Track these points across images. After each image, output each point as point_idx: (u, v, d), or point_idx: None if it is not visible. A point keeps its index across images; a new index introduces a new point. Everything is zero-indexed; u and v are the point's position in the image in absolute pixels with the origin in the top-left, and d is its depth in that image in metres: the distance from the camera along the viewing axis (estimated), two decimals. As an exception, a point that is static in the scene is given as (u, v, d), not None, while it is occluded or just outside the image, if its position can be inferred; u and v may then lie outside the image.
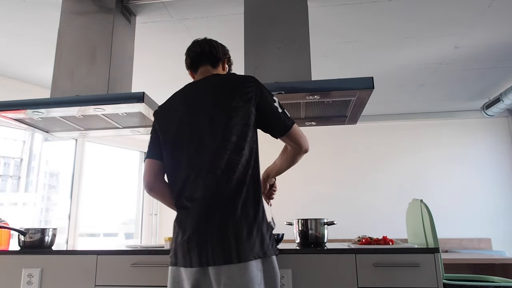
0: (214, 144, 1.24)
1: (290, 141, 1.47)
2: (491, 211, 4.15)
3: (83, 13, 2.17)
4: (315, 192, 4.40)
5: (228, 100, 1.29)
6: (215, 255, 1.14)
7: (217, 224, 1.17)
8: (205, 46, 1.52)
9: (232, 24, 2.54)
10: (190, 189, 1.24)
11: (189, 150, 1.27)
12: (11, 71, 3.24)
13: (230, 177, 1.21)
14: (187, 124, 1.31)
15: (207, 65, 1.50)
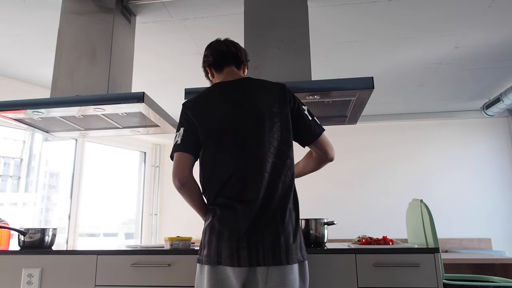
0: (259, 148, 1.27)
1: (318, 148, 1.49)
2: (491, 211, 4.15)
3: (83, 13, 2.17)
4: (315, 192, 4.40)
5: (270, 105, 1.32)
6: (266, 256, 1.19)
7: (269, 226, 1.22)
8: (231, 47, 1.51)
9: (232, 24, 2.54)
10: (233, 190, 1.26)
11: (233, 150, 1.28)
12: (11, 71, 3.24)
13: (277, 182, 1.26)
14: (231, 125, 1.31)
15: (233, 66, 1.49)
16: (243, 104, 1.33)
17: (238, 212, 1.23)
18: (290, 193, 1.28)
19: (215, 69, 1.50)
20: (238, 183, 1.25)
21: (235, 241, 1.20)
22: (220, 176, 1.28)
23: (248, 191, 1.24)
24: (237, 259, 1.19)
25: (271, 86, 1.38)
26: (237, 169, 1.26)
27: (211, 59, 1.49)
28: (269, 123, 1.30)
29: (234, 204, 1.24)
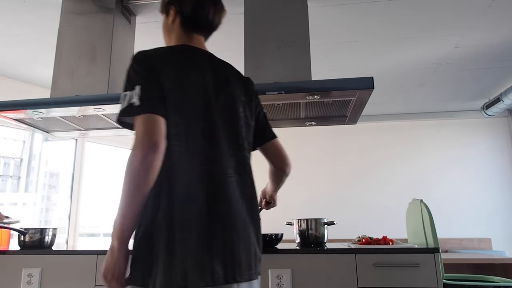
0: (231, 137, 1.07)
1: (273, 153, 1.29)
2: (491, 211, 4.15)
3: (83, 13, 2.17)
4: (315, 192, 4.40)
5: (243, 93, 1.16)
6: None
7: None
8: (218, 23, 1.22)
9: (232, 24, 2.54)
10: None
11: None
12: (11, 71, 3.24)
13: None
14: (216, 99, 1.05)
15: (203, 36, 1.20)
16: (224, 81, 1.11)
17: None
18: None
19: (184, 26, 1.16)
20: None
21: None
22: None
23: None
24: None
25: (239, 73, 1.22)
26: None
27: (188, 11, 1.14)
28: (237, 110, 1.10)
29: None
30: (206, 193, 0.96)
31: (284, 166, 1.30)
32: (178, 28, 1.16)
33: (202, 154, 0.98)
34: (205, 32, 1.19)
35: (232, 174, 1.03)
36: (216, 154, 1.00)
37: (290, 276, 1.61)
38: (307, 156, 4.50)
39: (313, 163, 4.49)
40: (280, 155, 1.30)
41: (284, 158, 1.30)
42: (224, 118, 1.05)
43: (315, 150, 4.53)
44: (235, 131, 1.07)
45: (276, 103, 1.90)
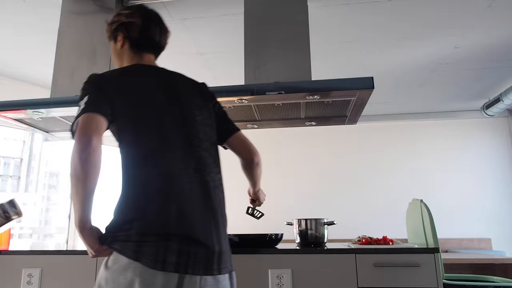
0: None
1: (238, 146, 1.33)
2: (491, 211, 4.15)
3: (83, 13, 2.17)
4: (315, 192, 4.40)
5: (197, 97, 1.24)
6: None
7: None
8: (164, 39, 1.33)
9: (232, 24, 2.54)
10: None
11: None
12: (11, 71, 3.24)
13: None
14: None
15: (153, 55, 1.33)
16: (177, 94, 1.18)
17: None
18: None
19: (134, 48, 1.26)
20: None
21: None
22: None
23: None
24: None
25: (191, 79, 1.30)
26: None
27: (135, 35, 1.25)
28: (192, 116, 1.18)
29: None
30: (160, 193, 1.02)
31: (250, 155, 1.33)
32: (128, 51, 1.27)
33: (157, 158, 1.06)
34: (154, 51, 1.31)
35: (189, 174, 1.08)
36: (170, 157, 1.07)
37: (290, 276, 1.61)
38: (307, 156, 4.50)
39: (313, 163, 4.49)
40: (245, 145, 1.33)
41: (249, 147, 1.34)
42: (178, 123, 1.13)
43: (315, 150, 4.53)
44: (191, 134, 1.14)
45: (276, 103, 1.90)
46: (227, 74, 3.30)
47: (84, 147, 0.98)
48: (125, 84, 1.14)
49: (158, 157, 1.06)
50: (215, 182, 1.14)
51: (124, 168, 1.07)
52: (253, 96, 1.80)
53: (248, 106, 1.94)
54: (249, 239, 1.75)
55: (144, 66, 1.24)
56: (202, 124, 1.18)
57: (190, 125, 1.15)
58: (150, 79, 1.18)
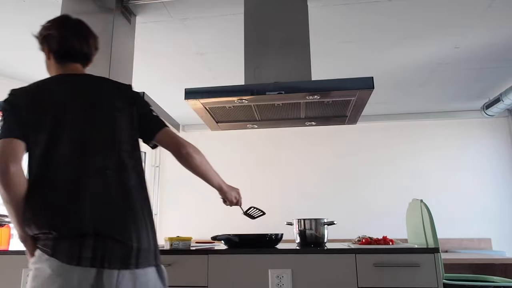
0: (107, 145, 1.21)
1: (166, 143, 1.31)
2: (491, 211, 4.15)
3: (83, 13, 2.17)
4: (315, 192, 4.40)
5: (120, 100, 1.26)
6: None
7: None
8: (84, 46, 1.32)
9: (232, 24, 2.54)
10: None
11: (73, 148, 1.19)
12: (11, 71, 3.24)
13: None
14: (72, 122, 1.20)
15: (78, 64, 1.33)
16: (91, 99, 1.23)
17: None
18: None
19: (58, 59, 1.30)
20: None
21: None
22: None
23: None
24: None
25: (115, 83, 1.32)
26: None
27: (55, 47, 1.29)
28: (112, 119, 1.21)
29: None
30: (73, 196, 1.10)
31: (177, 146, 1.30)
32: (53, 62, 1.31)
33: (70, 163, 1.13)
34: (78, 60, 1.32)
35: (108, 175, 1.14)
36: (87, 161, 1.14)
37: (290, 276, 1.61)
38: (307, 156, 4.50)
39: (313, 163, 4.49)
40: (173, 140, 1.31)
41: (176, 140, 1.31)
42: (94, 127, 1.18)
43: (315, 150, 4.53)
44: (110, 136, 1.19)
45: (276, 103, 1.90)
46: (227, 74, 3.30)
47: (3, 174, 1.07)
48: (41, 96, 1.20)
49: (71, 162, 1.13)
50: (135, 182, 1.18)
51: (35, 176, 1.13)
52: (253, 96, 1.80)
53: (248, 106, 1.94)
54: (249, 239, 1.75)
55: (66, 76, 1.28)
56: (123, 127, 1.22)
57: (108, 128, 1.19)
58: (68, 88, 1.23)
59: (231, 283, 1.64)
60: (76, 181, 1.11)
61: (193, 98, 1.85)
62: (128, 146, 1.22)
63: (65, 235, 1.06)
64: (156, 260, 1.17)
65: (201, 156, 1.35)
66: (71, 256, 1.04)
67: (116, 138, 1.19)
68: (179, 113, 4.29)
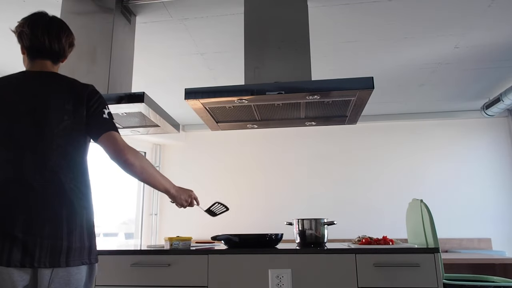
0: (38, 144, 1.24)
1: (105, 146, 1.29)
2: (491, 211, 4.15)
3: (83, 13, 2.17)
4: (315, 192, 4.40)
5: (71, 101, 1.28)
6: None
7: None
8: (54, 43, 1.34)
9: (232, 24, 2.54)
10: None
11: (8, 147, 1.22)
12: (11, 71, 3.24)
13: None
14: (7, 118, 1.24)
15: (48, 60, 1.35)
16: (31, 98, 1.24)
17: None
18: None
19: (29, 55, 1.35)
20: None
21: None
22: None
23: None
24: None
25: (71, 84, 1.31)
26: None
27: (27, 44, 1.33)
28: (56, 120, 1.23)
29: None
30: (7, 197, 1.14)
31: (116, 153, 1.27)
32: (26, 58, 1.36)
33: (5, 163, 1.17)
34: (48, 56, 1.35)
35: (37, 176, 1.17)
36: (17, 162, 1.17)
37: (290, 276, 1.61)
38: (307, 156, 4.50)
39: (313, 163, 4.49)
40: (112, 145, 1.28)
41: (116, 146, 1.28)
42: (29, 126, 1.21)
43: (315, 150, 4.53)
44: (49, 137, 1.21)
45: (276, 103, 1.90)
46: (227, 74, 3.30)
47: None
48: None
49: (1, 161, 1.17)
50: (66, 183, 1.20)
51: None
52: (253, 96, 1.80)
53: (248, 106, 1.94)
54: (249, 239, 1.75)
55: (26, 73, 1.31)
56: (64, 128, 1.23)
57: (41, 129, 1.21)
58: (20, 86, 1.26)
59: (231, 283, 1.64)
60: (5, 181, 1.15)
61: (193, 98, 1.85)
62: (66, 147, 1.23)
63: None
64: (89, 259, 1.22)
65: (142, 162, 1.31)
66: (1, 258, 1.09)
67: (49, 139, 1.21)
68: (179, 113, 4.29)
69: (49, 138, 1.21)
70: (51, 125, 1.22)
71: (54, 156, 1.20)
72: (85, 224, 1.22)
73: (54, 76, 1.32)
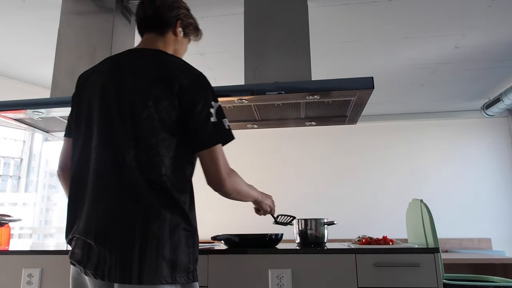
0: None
1: (202, 163, 1.10)
2: (491, 211, 4.15)
3: (83, 13, 2.17)
4: (315, 192, 4.39)
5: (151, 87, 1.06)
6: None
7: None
8: (148, 9, 1.22)
9: (232, 24, 2.54)
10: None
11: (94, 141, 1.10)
12: (11, 71, 3.24)
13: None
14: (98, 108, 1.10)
15: (152, 32, 1.22)
16: (118, 79, 1.09)
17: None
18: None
19: (140, 35, 1.27)
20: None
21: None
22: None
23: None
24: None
25: (170, 66, 1.09)
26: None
27: (137, 25, 1.27)
28: (141, 109, 1.03)
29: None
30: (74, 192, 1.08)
31: (216, 184, 1.12)
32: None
33: (81, 157, 1.09)
34: (147, 25, 1.23)
35: (108, 171, 1.02)
36: (89, 156, 1.06)
37: (290, 276, 1.61)
38: (307, 156, 4.50)
39: (313, 163, 4.49)
40: (213, 171, 1.11)
41: (218, 175, 1.10)
42: (114, 117, 1.05)
43: (315, 150, 4.53)
44: (128, 130, 1.03)
45: (276, 103, 1.90)
46: (227, 74, 3.30)
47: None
48: (81, 83, 1.19)
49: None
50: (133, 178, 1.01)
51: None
52: (253, 96, 1.80)
53: (248, 106, 1.94)
54: (249, 239, 1.75)
55: (119, 55, 1.19)
56: (149, 122, 1.03)
57: (129, 122, 1.03)
58: (109, 70, 1.14)
59: (231, 283, 1.64)
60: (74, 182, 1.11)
61: (193, 98, 1.84)
62: (149, 138, 1.02)
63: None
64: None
65: (236, 186, 1.17)
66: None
67: (136, 135, 1.02)
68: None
69: (131, 133, 1.02)
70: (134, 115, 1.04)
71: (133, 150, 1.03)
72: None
73: (152, 54, 1.14)
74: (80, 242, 1.03)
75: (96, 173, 1.03)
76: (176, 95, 1.04)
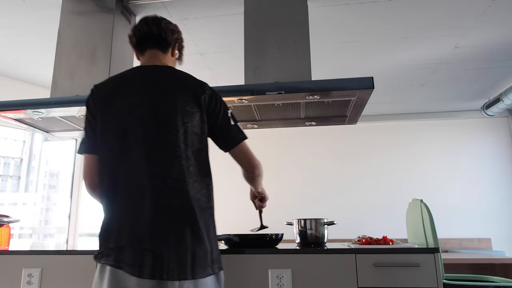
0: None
1: (236, 158, 1.35)
2: (491, 211, 4.15)
3: (83, 13, 2.17)
4: (315, 192, 4.40)
5: (184, 102, 1.21)
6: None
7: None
8: (153, 27, 1.35)
9: (232, 24, 2.54)
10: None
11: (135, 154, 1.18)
12: (11, 71, 3.24)
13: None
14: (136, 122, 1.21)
15: (155, 49, 1.35)
16: (151, 97, 1.20)
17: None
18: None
19: (139, 51, 1.37)
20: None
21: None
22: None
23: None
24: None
25: (189, 81, 1.27)
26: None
27: (134, 40, 1.36)
28: (180, 122, 1.18)
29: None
30: (117, 204, 1.15)
31: (252, 168, 1.39)
32: (138, 55, 1.40)
33: (115, 171, 1.17)
34: (153, 43, 1.36)
35: (149, 183, 1.13)
36: (127, 168, 1.15)
37: (290, 276, 1.61)
38: (307, 156, 4.50)
39: (313, 163, 4.49)
40: (246, 160, 1.36)
41: (251, 162, 1.37)
42: (146, 127, 1.18)
43: (315, 150, 4.53)
44: (165, 140, 1.17)
45: (276, 103, 1.90)
46: (227, 74, 3.30)
47: (87, 189, 1.30)
48: (104, 97, 1.27)
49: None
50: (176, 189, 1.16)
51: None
52: (253, 96, 1.80)
53: (248, 106, 1.94)
54: (249, 239, 1.75)
55: (135, 70, 1.30)
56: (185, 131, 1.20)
57: (168, 132, 1.18)
58: (132, 86, 1.25)
59: (231, 283, 1.64)
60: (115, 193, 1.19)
61: (193, 98, 1.84)
62: (186, 150, 1.18)
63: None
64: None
65: (261, 172, 1.42)
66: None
67: (175, 150, 1.17)
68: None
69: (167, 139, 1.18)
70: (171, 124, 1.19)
71: (180, 163, 1.16)
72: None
73: (167, 71, 1.29)
74: (132, 247, 1.09)
75: (144, 187, 1.14)
76: (204, 108, 1.23)
